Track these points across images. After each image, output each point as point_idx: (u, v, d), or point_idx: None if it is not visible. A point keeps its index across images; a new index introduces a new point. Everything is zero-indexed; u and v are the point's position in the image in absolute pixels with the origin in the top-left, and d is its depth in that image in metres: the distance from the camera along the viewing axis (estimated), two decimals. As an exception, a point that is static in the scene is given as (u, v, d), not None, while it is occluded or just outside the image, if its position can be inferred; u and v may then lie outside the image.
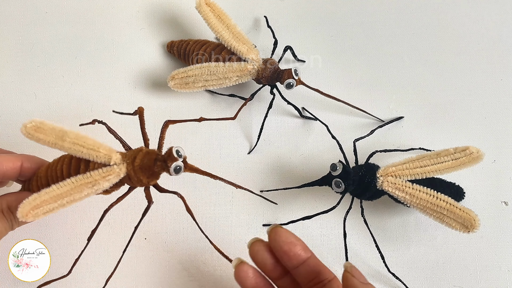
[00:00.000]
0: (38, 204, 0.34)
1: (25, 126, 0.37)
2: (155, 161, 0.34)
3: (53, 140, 0.36)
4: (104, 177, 0.34)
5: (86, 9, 0.52)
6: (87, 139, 0.35)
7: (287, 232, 0.33)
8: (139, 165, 0.35)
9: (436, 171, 0.40)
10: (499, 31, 0.51)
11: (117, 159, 0.35)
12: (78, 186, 0.34)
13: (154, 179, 0.36)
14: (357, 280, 0.31)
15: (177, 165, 0.33)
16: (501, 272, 0.44)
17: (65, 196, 0.34)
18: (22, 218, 0.33)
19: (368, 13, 0.52)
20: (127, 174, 0.35)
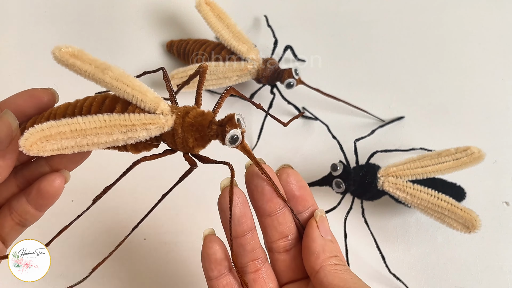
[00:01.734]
0: (51, 135, 0.26)
1: (59, 49, 0.30)
2: (210, 123, 0.28)
3: (91, 70, 0.29)
4: (144, 124, 0.27)
5: (86, 8, 0.52)
6: (133, 79, 0.29)
7: (298, 175, 0.31)
8: (191, 122, 0.28)
9: (437, 171, 0.40)
10: (500, 31, 0.51)
11: (165, 109, 0.28)
12: (109, 126, 0.27)
13: (200, 146, 0.29)
14: (318, 232, 0.29)
15: (235, 134, 0.27)
16: (502, 272, 0.44)
17: (89, 134, 0.27)
18: (23, 148, 0.26)
19: (368, 13, 0.52)
20: (173, 129, 0.28)
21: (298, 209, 0.30)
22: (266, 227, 0.30)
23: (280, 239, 0.30)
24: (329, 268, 0.28)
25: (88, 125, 0.27)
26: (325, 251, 0.29)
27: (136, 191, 0.44)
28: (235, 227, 0.29)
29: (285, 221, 0.30)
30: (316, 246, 0.29)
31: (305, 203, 0.30)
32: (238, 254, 0.30)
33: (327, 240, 0.29)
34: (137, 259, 0.45)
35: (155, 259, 0.45)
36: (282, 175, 0.30)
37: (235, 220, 0.29)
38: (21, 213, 0.31)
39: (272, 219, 0.29)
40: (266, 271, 0.30)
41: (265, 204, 0.29)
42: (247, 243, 0.30)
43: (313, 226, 0.29)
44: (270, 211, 0.29)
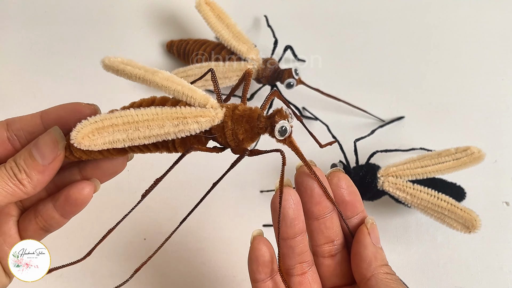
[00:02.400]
0: (103, 127, 0.27)
1: (109, 58, 0.30)
2: (259, 116, 0.28)
3: (142, 73, 0.30)
4: (195, 117, 0.27)
5: (86, 8, 0.52)
6: (182, 80, 0.29)
7: (349, 180, 0.30)
8: (241, 114, 0.28)
9: (437, 171, 0.40)
10: (500, 31, 0.51)
11: (215, 104, 0.28)
12: (161, 118, 0.27)
13: (249, 139, 0.29)
14: (369, 239, 0.29)
15: (284, 125, 0.28)
16: (502, 272, 0.44)
17: (141, 126, 0.27)
18: (74, 141, 0.26)
19: (368, 13, 0.52)
20: (223, 122, 0.28)
21: (347, 215, 0.30)
22: (312, 230, 0.29)
23: (326, 244, 0.30)
24: (381, 276, 0.28)
25: (140, 117, 0.27)
26: (377, 259, 0.28)
27: (136, 191, 0.44)
28: (287, 229, 0.29)
29: (333, 226, 0.29)
30: (368, 253, 0.28)
31: (354, 209, 0.30)
32: (286, 256, 0.30)
33: (378, 248, 0.29)
34: (137, 259, 0.45)
35: (155, 259, 0.45)
36: (333, 178, 0.30)
37: (287, 221, 0.29)
38: (46, 218, 0.31)
39: (319, 222, 0.29)
40: (312, 275, 0.30)
41: (313, 207, 0.29)
42: (297, 246, 0.29)
43: (364, 233, 0.29)
44: (318, 214, 0.29)
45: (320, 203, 0.28)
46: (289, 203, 0.28)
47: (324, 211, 0.29)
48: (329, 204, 0.29)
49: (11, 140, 0.30)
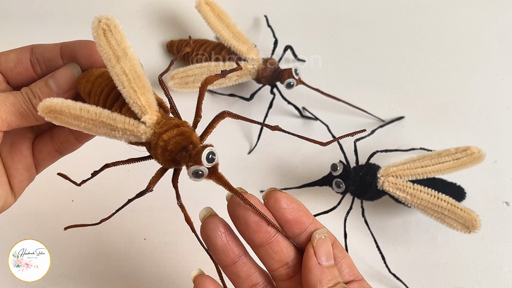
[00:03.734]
0: (57, 110, 0.29)
1: (99, 20, 0.31)
2: (182, 149, 0.28)
3: (110, 55, 0.30)
4: (124, 129, 0.28)
5: (86, 8, 0.52)
6: (139, 78, 0.29)
7: (288, 197, 0.28)
8: (164, 142, 0.28)
9: (437, 171, 0.40)
10: (500, 31, 0.51)
11: (150, 121, 0.28)
12: (98, 120, 0.28)
13: (171, 165, 0.29)
14: (314, 261, 0.27)
15: (199, 170, 0.27)
16: (502, 272, 0.44)
17: (84, 121, 0.29)
18: (40, 112, 0.29)
19: (368, 13, 0.52)
20: (148, 142, 0.29)
21: (295, 232, 0.28)
22: (262, 257, 0.28)
23: (280, 267, 0.28)
24: None
25: (83, 114, 0.29)
26: (322, 282, 0.26)
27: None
28: (221, 257, 0.28)
29: (281, 249, 0.28)
30: (312, 278, 0.27)
31: (301, 225, 0.28)
32: (235, 283, 0.29)
33: (324, 268, 0.27)
34: (137, 259, 0.45)
35: (155, 259, 0.45)
36: (269, 200, 0.28)
37: (219, 250, 0.28)
38: (62, 141, 0.33)
39: (265, 249, 0.28)
40: None
41: (253, 236, 0.27)
42: (240, 270, 0.28)
43: (309, 254, 0.27)
44: (260, 242, 0.27)
45: (259, 231, 0.27)
46: (215, 232, 0.28)
47: (266, 237, 0.27)
48: (269, 229, 0.27)
49: (33, 64, 0.32)
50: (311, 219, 0.29)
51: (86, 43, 0.34)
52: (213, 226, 0.28)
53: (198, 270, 0.30)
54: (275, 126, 0.31)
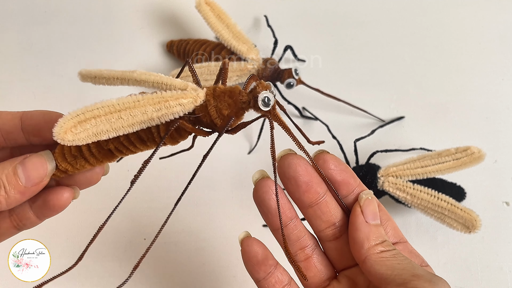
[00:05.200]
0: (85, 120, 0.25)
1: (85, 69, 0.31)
2: (240, 91, 0.28)
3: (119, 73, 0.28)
4: (177, 99, 0.26)
5: (86, 8, 0.52)
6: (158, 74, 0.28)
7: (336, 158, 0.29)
8: (222, 91, 0.27)
9: (437, 171, 0.40)
10: (500, 31, 0.51)
11: (194, 86, 0.28)
12: (143, 104, 0.26)
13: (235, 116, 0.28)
14: (361, 219, 0.27)
15: (267, 95, 0.27)
16: (502, 272, 0.44)
17: (124, 115, 0.26)
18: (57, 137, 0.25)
19: (368, 13, 0.52)
20: (205, 102, 0.27)
21: (342, 194, 0.29)
22: (310, 217, 0.29)
23: (328, 228, 0.29)
24: (374, 257, 0.27)
25: (122, 106, 0.26)
26: (370, 239, 0.27)
27: (136, 192, 0.44)
28: (274, 220, 0.28)
29: (329, 209, 0.28)
30: (359, 235, 0.27)
31: (348, 187, 0.28)
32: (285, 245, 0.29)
33: (371, 226, 0.27)
34: (137, 259, 0.45)
35: (155, 259, 0.45)
36: (318, 162, 0.28)
37: (272, 212, 0.28)
38: (22, 218, 0.31)
39: (314, 209, 0.28)
40: (318, 258, 0.30)
41: (302, 196, 0.28)
42: (291, 233, 0.29)
43: (356, 213, 0.28)
44: (310, 202, 0.28)
45: (309, 191, 0.28)
46: (268, 195, 0.28)
47: (316, 198, 0.28)
48: (319, 189, 0.28)
49: None
50: (357, 181, 0.29)
51: (52, 116, 0.30)
52: (266, 189, 0.28)
53: (245, 233, 0.30)
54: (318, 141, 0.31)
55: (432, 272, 0.27)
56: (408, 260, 0.27)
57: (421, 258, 0.29)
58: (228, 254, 0.45)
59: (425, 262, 0.29)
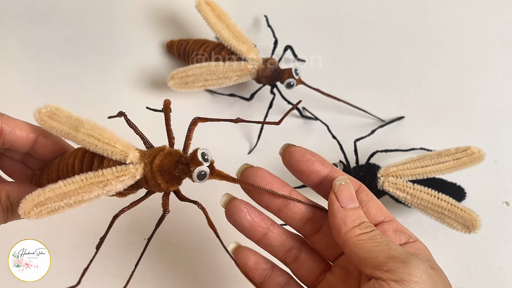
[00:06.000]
0: (42, 202, 0.29)
1: (39, 111, 0.32)
2: (176, 164, 0.30)
3: (66, 129, 0.31)
4: (117, 177, 0.29)
5: (86, 8, 0.52)
6: (104, 131, 0.31)
7: (301, 150, 0.30)
8: (158, 167, 0.30)
9: (437, 171, 0.40)
10: (500, 31, 0.51)
11: (134, 158, 0.30)
12: (87, 185, 0.29)
13: (174, 184, 0.31)
14: (336, 205, 0.28)
15: (201, 170, 0.29)
16: (503, 272, 0.44)
17: (73, 195, 0.30)
18: (24, 216, 0.29)
19: (368, 13, 0.52)
20: (144, 176, 0.30)
21: (314, 182, 0.30)
22: (284, 220, 0.30)
23: (304, 224, 0.30)
24: (352, 240, 0.27)
25: (69, 188, 0.29)
26: (346, 224, 0.28)
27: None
28: (252, 234, 0.30)
29: (299, 208, 0.30)
30: (337, 221, 0.28)
31: (318, 174, 0.29)
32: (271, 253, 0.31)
33: (348, 210, 0.28)
34: (137, 259, 0.45)
35: (155, 259, 0.45)
36: (285, 156, 0.30)
37: (247, 228, 0.30)
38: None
39: (284, 212, 0.30)
40: (306, 255, 0.31)
41: (269, 203, 0.30)
42: (273, 241, 0.30)
43: (331, 200, 0.29)
44: (277, 207, 0.30)
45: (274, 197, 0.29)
46: (239, 214, 0.30)
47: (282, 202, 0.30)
48: (282, 192, 0.29)
49: None
50: (328, 167, 0.30)
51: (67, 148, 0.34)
52: (235, 209, 0.30)
53: (235, 244, 0.32)
54: (237, 119, 0.32)
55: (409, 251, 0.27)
56: (386, 241, 0.27)
57: (407, 234, 0.29)
58: (228, 254, 0.45)
59: (413, 237, 0.30)
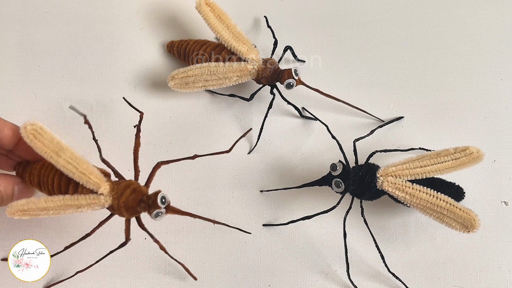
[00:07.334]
0: (25, 209, 0.37)
1: (25, 127, 0.38)
2: (139, 202, 0.37)
3: (49, 152, 0.37)
4: (89, 204, 0.37)
5: (86, 9, 0.52)
6: (81, 161, 0.37)
7: None
8: (124, 203, 0.37)
9: (436, 171, 0.40)
10: (499, 31, 0.51)
11: (105, 190, 0.37)
12: (64, 205, 0.37)
13: (135, 215, 0.38)
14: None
15: (159, 212, 0.36)
16: (501, 272, 0.44)
17: (51, 209, 0.37)
18: (9, 215, 0.37)
19: (368, 13, 0.52)
20: (111, 206, 0.37)
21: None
22: None
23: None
24: None
25: (49, 204, 0.37)
26: None
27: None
28: None
29: None
30: None
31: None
32: None
33: None
34: (137, 259, 0.45)
35: (155, 259, 0.45)
36: None
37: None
38: None
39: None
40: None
41: None
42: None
43: None
44: None
45: None
46: None
47: None
48: None
49: None
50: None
51: None
52: None
53: None
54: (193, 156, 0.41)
55: None
56: None
57: None
58: (228, 253, 0.45)
59: None
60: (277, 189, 0.46)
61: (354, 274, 0.43)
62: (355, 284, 0.43)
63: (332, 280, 0.44)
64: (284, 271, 0.44)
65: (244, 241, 0.45)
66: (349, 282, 0.43)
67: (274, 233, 0.45)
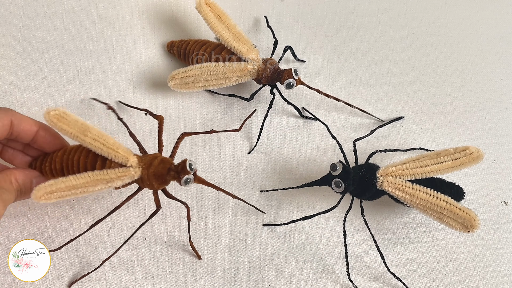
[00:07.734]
0: (53, 190, 0.37)
1: (48, 113, 0.39)
2: (168, 170, 0.37)
3: (75, 132, 0.38)
4: (119, 177, 0.37)
5: (86, 9, 0.52)
6: (108, 138, 0.38)
7: None
8: (153, 172, 0.38)
9: (436, 171, 0.40)
10: (499, 31, 0.51)
11: (134, 162, 0.38)
12: (94, 180, 0.37)
13: (164, 185, 0.39)
14: None
15: (188, 178, 0.37)
16: (501, 272, 0.44)
17: (80, 187, 0.37)
18: (35, 199, 0.36)
19: (368, 13, 0.52)
20: (141, 177, 0.38)
21: None
22: None
23: None
24: None
25: (78, 181, 0.37)
26: None
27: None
28: None
29: None
30: None
31: None
32: None
33: None
34: (137, 259, 0.45)
35: (155, 259, 0.45)
36: None
37: None
38: None
39: None
40: None
41: None
42: None
43: None
44: None
45: None
46: None
47: None
48: None
49: None
50: None
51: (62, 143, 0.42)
52: None
53: None
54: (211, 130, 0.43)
55: None
56: None
57: None
58: (228, 253, 0.45)
59: None
60: (277, 189, 0.46)
61: (354, 274, 0.43)
62: (355, 284, 0.43)
63: (332, 280, 0.44)
64: (284, 271, 0.44)
65: (244, 241, 0.45)
66: (349, 282, 0.43)
67: (274, 233, 0.45)
